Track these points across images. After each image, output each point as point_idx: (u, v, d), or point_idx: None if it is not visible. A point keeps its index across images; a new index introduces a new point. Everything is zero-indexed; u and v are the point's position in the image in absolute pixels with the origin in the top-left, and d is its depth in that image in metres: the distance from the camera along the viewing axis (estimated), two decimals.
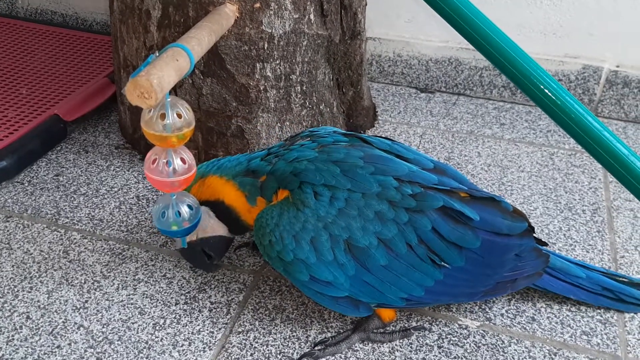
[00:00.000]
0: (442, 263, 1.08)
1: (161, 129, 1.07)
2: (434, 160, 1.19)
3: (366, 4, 1.72)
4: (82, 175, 1.66)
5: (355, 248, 1.04)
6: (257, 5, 1.41)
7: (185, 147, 1.15)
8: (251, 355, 1.17)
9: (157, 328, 1.21)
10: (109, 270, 1.35)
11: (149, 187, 1.61)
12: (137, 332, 1.21)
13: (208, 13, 1.37)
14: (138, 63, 1.56)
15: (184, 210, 1.17)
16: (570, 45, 1.98)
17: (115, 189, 1.61)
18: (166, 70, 0.98)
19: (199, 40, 1.14)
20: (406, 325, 1.25)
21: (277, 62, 1.49)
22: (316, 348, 1.18)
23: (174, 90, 1.53)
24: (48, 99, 1.88)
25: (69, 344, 1.18)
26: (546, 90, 1.04)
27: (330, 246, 1.04)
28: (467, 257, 1.09)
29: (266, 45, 1.46)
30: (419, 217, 1.06)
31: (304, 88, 1.55)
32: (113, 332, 1.21)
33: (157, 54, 1.05)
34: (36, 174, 1.66)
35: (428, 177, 1.11)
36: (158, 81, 0.94)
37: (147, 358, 1.16)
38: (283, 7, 1.43)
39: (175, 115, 1.08)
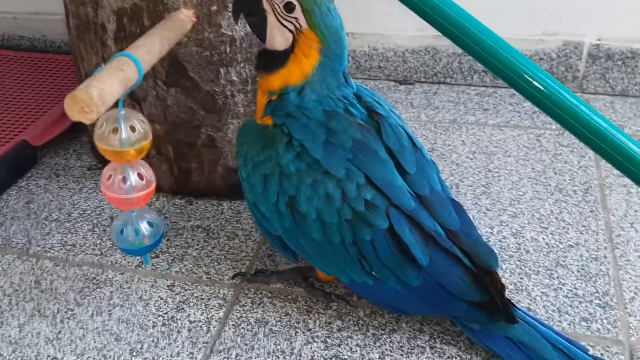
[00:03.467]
0: (372, 273, 1.06)
1: (117, 143, 1.02)
2: (438, 188, 1.09)
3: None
4: (53, 201, 1.60)
5: (295, 209, 1.05)
6: (214, 8, 1.35)
7: (144, 162, 1.09)
8: None
9: (134, 354, 1.15)
10: (82, 297, 1.29)
11: None
12: None
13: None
14: None
15: (144, 227, 1.12)
16: (548, 22, 1.92)
17: (88, 212, 1.55)
18: (108, 81, 0.92)
19: (149, 48, 1.08)
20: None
21: (242, 65, 1.43)
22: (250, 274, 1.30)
23: (139, 104, 1.47)
24: (16, 125, 1.82)
25: None
26: (525, 75, 0.97)
27: (276, 190, 1.05)
28: (403, 285, 1.05)
29: (228, 49, 1.40)
30: (360, 223, 1.02)
31: None
32: None
33: (103, 65, 1.00)
34: (6, 204, 1.60)
35: (404, 199, 1.03)
36: (99, 93, 0.88)
37: None
38: None
39: (128, 128, 1.03)
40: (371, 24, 2.00)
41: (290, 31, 1.07)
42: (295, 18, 1.05)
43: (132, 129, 1.03)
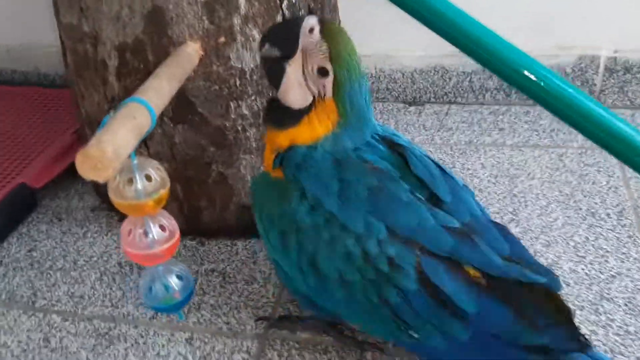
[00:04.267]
0: (411, 333, 0.95)
1: (133, 195, 0.94)
2: (477, 213, 1.00)
3: (339, 22, 1.59)
4: (57, 247, 1.51)
5: (316, 267, 0.97)
6: (222, 39, 1.27)
7: (164, 211, 1.01)
8: None
9: None
10: (95, 356, 1.20)
11: None
12: None
13: (169, 55, 1.23)
14: (101, 117, 1.42)
15: (173, 282, 1.04)
16: (562, 35, 1.85)
17: (95, 258, 1.46)
18: (121, 132, 0.84)
19: (157, 90, 1.00)
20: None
21: (253, 97, 1.35)
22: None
23: (144, 143, 1.38)
24: (12, 167, 1.73)
25: None
26: (541, 83, 0.89)
27: (295, 248, 0.97)
28: (448, 342, 0.94)
29: (238, 82, 1.32)
30: (384, 284, 0.92)
31: None
32: None
33: (112, 114, 0.91)
34: (7, 252, 1.51)
35: (440, 239, 0.93)
36: (113, 148, 0.80)
37: None
38: (251, 38, 1.29)
39: (144, 178, 0.95)
40: (377, 44, 1.92)
41: (313, 95, 1.00)
42: (323, 85, 0.98)
43: (148, 178, 0.96)
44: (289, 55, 0.97)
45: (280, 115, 1.03)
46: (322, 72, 0.97)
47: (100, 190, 1.62)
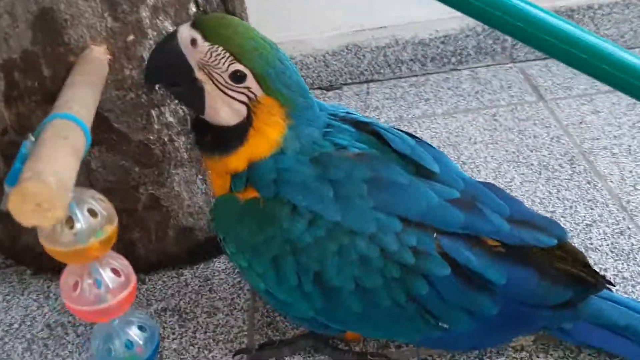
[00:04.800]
0: (441, 324, 0.90)
1: (73, 239, 0.74)
2: (465, 176, 0.96)
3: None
4: None
5: (325, 284, 0.87)
6: (131, 37, 1.07)
7: (113, 252, 0.81)
8: None
9: None
10: None
11: (59, 307, 1.21)
12: None
13: (70, 65, 1.02)
14: None
15: (135, 335, 0.85)
16: None
17: (16, 326, 1.20)
18: (59, 157, 0.64)
19: (80, 101, 0.80)
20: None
21: (176, 101, 1.16)
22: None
23: None
24: None
25: None
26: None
27: (296, 270, 0.87)
28: (476, 322, 0.90)
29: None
30: (414, 277, 0.86)
31: None
32: None
33: (32, 138, 0.71)
34: None
35: (451, 216, 0.88)
36: (56, 178, 0.60)
37: None
38: (164, 32, 1.10)
39: (86, 214, 0.75)
40: (285, 31, 1.77)
41: (243, 102, 0.86)
42: (246, 87, 0.85)
43: (92, 213, 0.76)
44: (187, 82, 0.86)
45: (220, 139, 0.89)
46: (237, 77, 0.84)
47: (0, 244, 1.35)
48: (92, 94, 0.83)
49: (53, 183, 0.58)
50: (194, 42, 0.83)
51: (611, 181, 1.36)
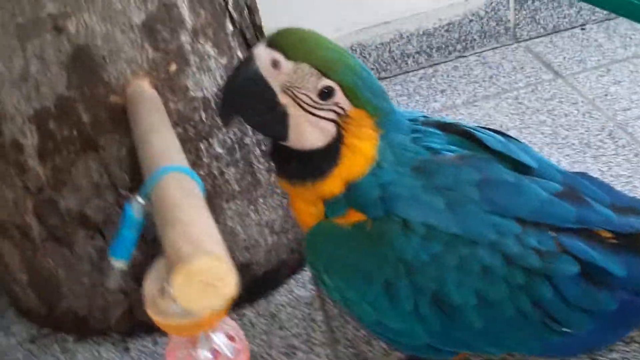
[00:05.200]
0: (563, 329, 0.83)
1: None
2: (559, 167, 0.91)
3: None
4: None
5: (444, 303, 0.80)
6: (174, 67, 0.97)
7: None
8: None
9: None
10: None
11: None
12: None
13: (111, 107, 0.91)
14: (22, 221, 1.04)
15: None
16: None
17: None
18: (205, 222, 0.54)
19: (174, 145, 0.70)
20: None
21: (225, 130, 1.06)
22: None
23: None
24: None
25: None
26: None
27: (411, 294, 0.80)
28: (596, 322, 0.84)
29: (204, 115, 1.02)
30: (539, 281, 0.80)
31: (263, 147, 1.14)
32: None
33: (140, 199, 0.60)
34: None
35: (563, 211, 0.82)
36: (222, 248, 0.50)
37: None
38: (206, 56, 1.00)
39: None
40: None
41: (331, 120, 0.78)
42: (335, 103, 0.77)
43: None
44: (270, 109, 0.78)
45: (307, 163, 0.81)
46: (327, 93, 0.76)
47: (33, 312, 1.21)
48: (173, 135, 0.72)
49: (224, 256, 0.48)
50: (275, 63, 0.75)
51: None
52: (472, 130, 0.88)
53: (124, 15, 0.90)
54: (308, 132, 0.78)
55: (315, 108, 0.77)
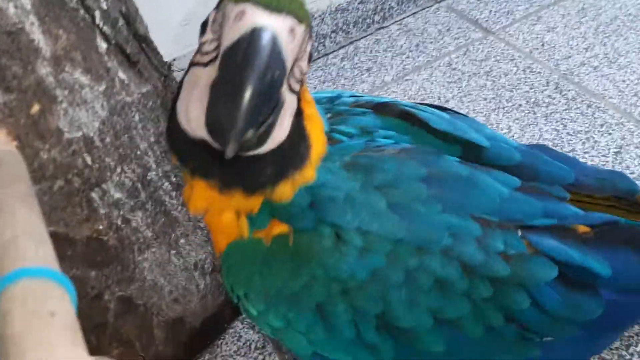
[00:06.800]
0: (544, 339, 0.73)
1: None
2: (513, 143, 0.78)
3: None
4: None
5: (394, 327, 0.68)
6: (36, 108, 0.76)
7: None
8: None
9: None
10: None
11: None
12: None
13: None
14: None
15: None
16: None
17: None
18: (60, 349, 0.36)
19: (32, 230, 0.51)
20: None
21: (119, 170, 0.87)
22: None
23: None
24: None
25: None
26: None
27: (351, 319, 0.68)
28: (582, 329, 0.73)
29: (89, 159, 0.83)
30: (511, 291, 0.68)
31: (174, 178, 0.95)
32: None
33: None
34: None
35: (529, 205, 0.71)
36: None
37: None
38: (77, 87, 0.80)
39: None
40: (182, 38, 1.48)
41: (295, 93, 0.62)
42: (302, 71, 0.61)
43: None
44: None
45: (272, 164, 0.63)
46: (311, 56, 0.62)
47: None
48: (34, 211, 0.53)
49: None
50: (292, 31, 0.56)
51: (610, 97, 1.22)
52: (411, 109, 0.76)
53: None
54: (285, 122, 0.61)
55: (298, 82, 0.60)
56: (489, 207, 0.69)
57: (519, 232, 0.69)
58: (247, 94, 0.53)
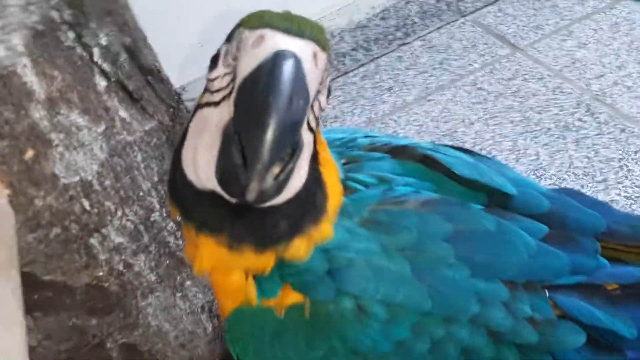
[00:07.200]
0: None
1: None
2: (542, 188, 0.75)
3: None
4: None
5: None
6: (31, 153, 0.73)
7: None
8: None
9: None
10: None
11: None
12: None
13: None
14: None
15: None
16: None
17: None
18: None
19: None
20: None
21: (120, 213, 0.83)
22: None
23: None
24: None
25: None
26: None
27: None
28: None
29: (87, 204, 0.80)
30: (538, 358, 0.67)
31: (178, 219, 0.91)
32: None
33: None
34: None
35: (556, 261, 0.67)
36: None
37: None
38: (73, 128, 0.77)
39: None
40: (202, 61, 1.45)
41: (312, 132, 0.57)
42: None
43: None
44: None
45: (284, 218, 0.58)
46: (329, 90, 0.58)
47: None
48: (10, 283, 0.49)
49: None
50: (315, 57, 0.52)
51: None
52: (432, 153, 0.71)
53: None
54: (303, 166, 0.56)
55: (316, 120, 0.56)
56: (518, 265, 0.66)
57: (546, 293, 0.66)
58: (273, 123, 0.48)
